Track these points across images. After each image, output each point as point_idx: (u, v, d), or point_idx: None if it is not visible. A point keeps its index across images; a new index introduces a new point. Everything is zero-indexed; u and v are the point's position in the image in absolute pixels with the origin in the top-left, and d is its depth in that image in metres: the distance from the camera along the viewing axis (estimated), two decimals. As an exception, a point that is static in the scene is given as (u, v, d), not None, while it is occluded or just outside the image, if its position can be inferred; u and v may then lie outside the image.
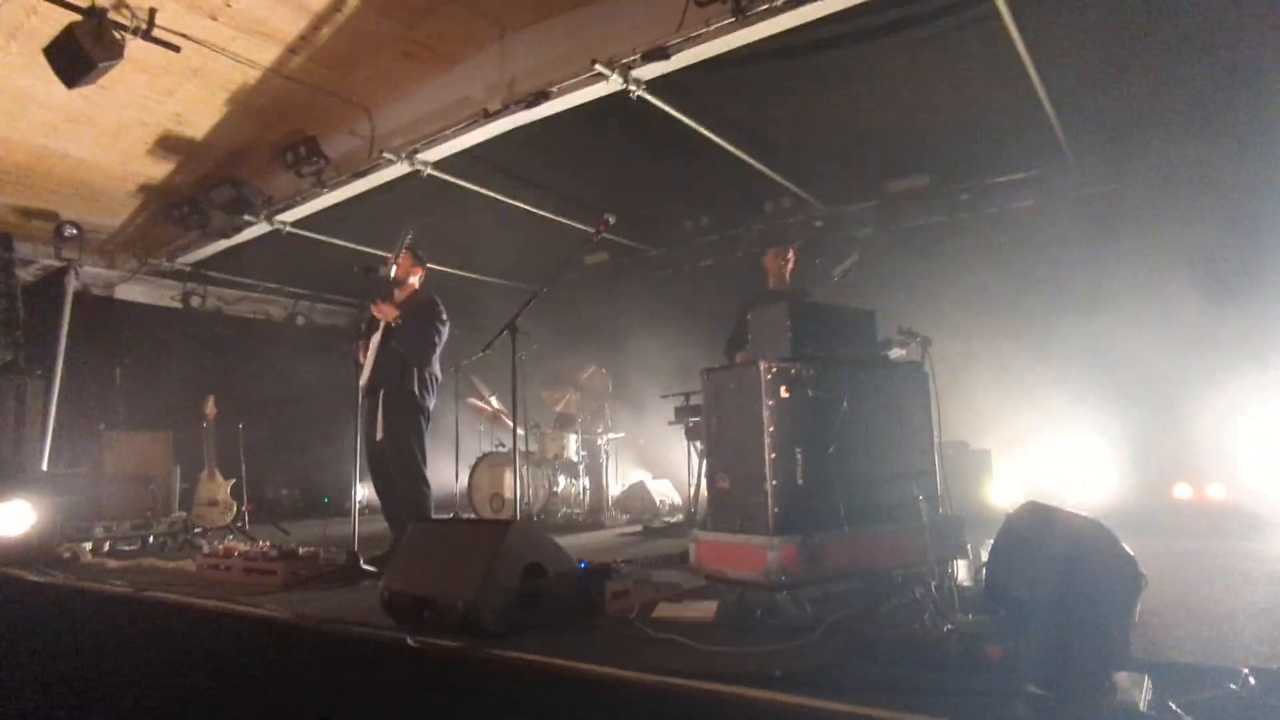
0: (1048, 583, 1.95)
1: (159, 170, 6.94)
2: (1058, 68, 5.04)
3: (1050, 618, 1.89)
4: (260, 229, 7.29)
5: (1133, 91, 5.41)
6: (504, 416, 7.48)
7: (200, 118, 6.13)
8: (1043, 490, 5.63)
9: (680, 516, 6.66)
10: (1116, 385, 5.79)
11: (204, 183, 7.09)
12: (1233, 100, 5.48)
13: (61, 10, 4.51)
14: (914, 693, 1.86)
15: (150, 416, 7.74)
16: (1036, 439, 6.09)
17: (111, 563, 5.25)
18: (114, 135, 6.29)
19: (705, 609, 2.88)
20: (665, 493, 7.29)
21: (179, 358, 8.59)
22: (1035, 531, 2.21)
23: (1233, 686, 1.84)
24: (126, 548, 5.99)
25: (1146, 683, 1.82)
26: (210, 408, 7.06)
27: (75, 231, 7.58)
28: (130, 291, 8.74)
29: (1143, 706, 1.71)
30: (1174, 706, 1.71)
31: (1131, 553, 2.05)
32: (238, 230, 7.37)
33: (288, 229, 7.26)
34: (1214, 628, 2.50)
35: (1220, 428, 5.51)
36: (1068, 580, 1.93)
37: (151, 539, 6.17)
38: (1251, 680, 1.86)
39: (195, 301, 9.02)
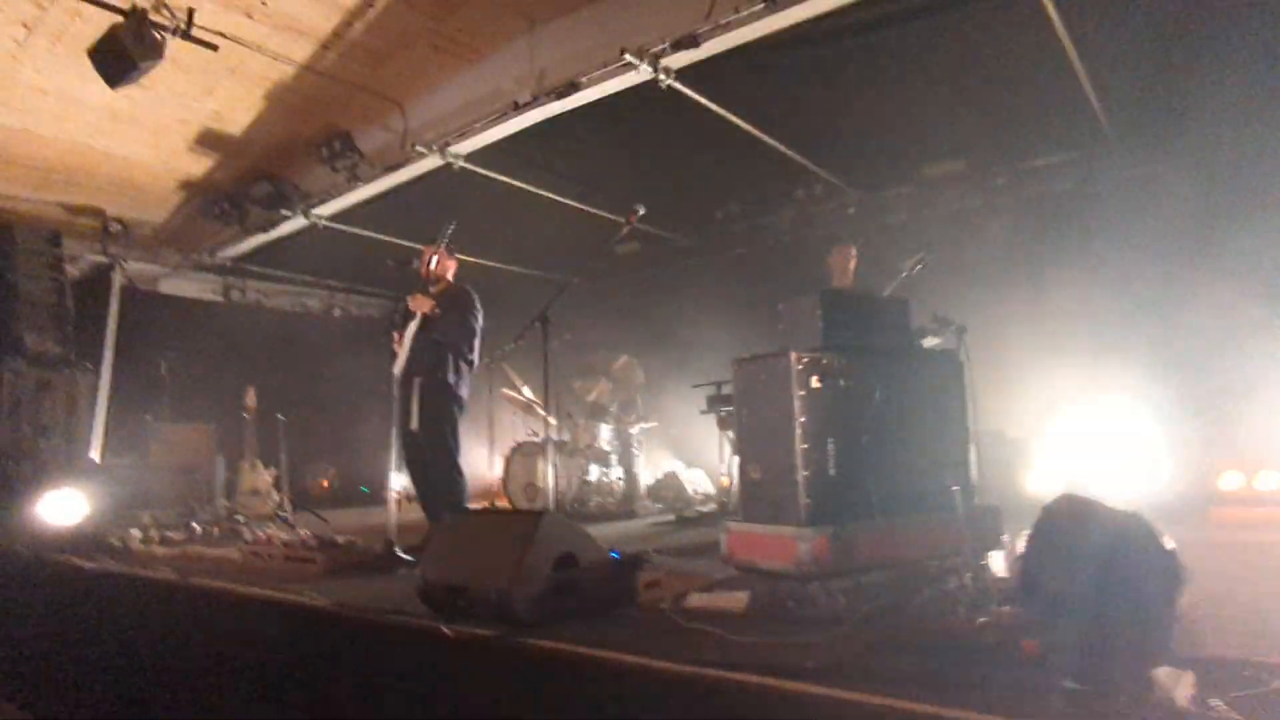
0: (1085, 575, 1.92)
1: (199, 167, 7.09)
2: (1097, 47, 4.89)
3: (1088, 611, 1.86)
4: (297, 223, 7.42)
5: (1176, 70, 5.23)
6: (536, 407, 7.54)
7: (238, 115, 6.25)
8: (1082, 480, 5.51)
9: (713, 506, 6.65)
10: (1162, 372, 5.60)
11: (242, 178, 7.23)
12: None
13: (104, 12, 4.62)
14: (948, 686, 1.85)
15: (193, 408, 7.96)
16: (1075, 428, 5.96)
17: (159, 550, 5.40)
18: (156, 134, 6.44)
19: (737, 599, 2.88)
20: (698, 482, 7.29)
21: (221, 350, 8.78)
22: (1073, 523, 2.17)
23: (1279, 684, 1.80)
24: (173, 535, 6.16)
25: (1188, 679, 1.78)
26: (251, 399, 7.23)
27: (120, 228, 7.81)
28: (173, 286, 8.96)
29: (1183, 703, 1.68)
30: (1217, 703, 1.67)
31: (1173, 545, 2.00)
32: (275, 225, 7.52)
33: (323, 223, 7.38)
34: (1261, 623, 2.44)
35: (1273, 413, 5.33)
36: (1106, 573, 1.90)
37: (197, 528, 6.33)
38: (1299, 677, 1.82)
39: (235, 295, 9.21)
